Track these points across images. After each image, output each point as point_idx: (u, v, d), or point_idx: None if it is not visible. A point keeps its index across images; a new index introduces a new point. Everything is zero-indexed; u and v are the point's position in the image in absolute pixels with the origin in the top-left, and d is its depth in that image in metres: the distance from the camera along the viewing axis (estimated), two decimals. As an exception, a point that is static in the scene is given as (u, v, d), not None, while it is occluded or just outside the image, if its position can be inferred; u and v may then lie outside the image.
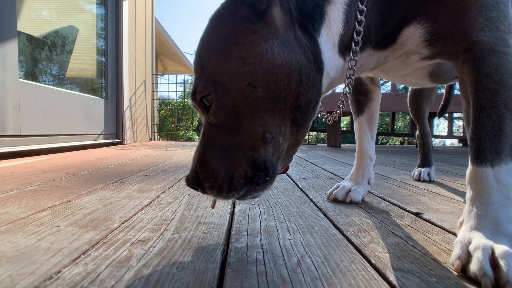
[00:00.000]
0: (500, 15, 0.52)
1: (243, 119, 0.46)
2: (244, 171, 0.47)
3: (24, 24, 2.18)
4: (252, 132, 0.47)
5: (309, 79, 0.49)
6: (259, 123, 0.46)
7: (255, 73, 0.45)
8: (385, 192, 1.00)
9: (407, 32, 0.56)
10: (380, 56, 0.61)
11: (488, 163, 0.49)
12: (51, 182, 1.05)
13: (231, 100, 0.46)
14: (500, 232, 0.45)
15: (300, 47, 0.48)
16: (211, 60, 0.47)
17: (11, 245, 0.50)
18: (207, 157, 0.48)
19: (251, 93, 0.45)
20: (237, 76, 0.45)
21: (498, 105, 0.50)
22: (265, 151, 0.48)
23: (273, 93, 0.46)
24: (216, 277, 0.41)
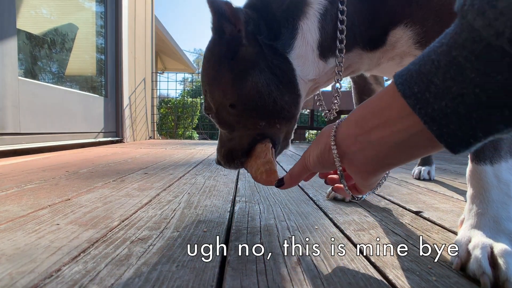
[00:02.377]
0: None
1: (236, 127, 0.62)
2: (241, 146, 0.62)
3: (24, 22, 2.17)
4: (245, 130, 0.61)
5: (280, 89, 0.58)
6: (250, 122, 0.60)
7: (232, 100, 0.59)
8: (385, 191, 1.00)
9: (395, 33, 0.57)
10: (371, 57, 0.62)
11: (488, 161, 0.49)
12: (51, 180, 1.05)
13: (224, 118, 0.62)
14: (500, 230, 0.45)
15: (268, 67, 0.57)
16: (207, 90, 0.62)
17: (11, 243, 0.50)
18: (222, 145, 0.67)
19: (234, 110, 0.60)
20: (221, 104, 0.61)
21: None
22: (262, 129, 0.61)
23: (250, 106, 0.58)
24: (215, 275, 0.41)
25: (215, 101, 0.61)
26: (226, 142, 0.65)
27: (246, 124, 0.60)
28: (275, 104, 0.58)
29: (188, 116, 6.74)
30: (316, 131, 7.67)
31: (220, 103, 0.60)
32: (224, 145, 0.66)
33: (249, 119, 0.59)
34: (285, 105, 0.59)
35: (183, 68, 8.52)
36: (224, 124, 0.63)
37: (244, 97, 0.58)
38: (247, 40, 0.56)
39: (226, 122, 0.62)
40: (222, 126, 0.64)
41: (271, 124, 0.60)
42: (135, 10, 3.83)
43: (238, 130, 0.62)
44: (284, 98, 0.59)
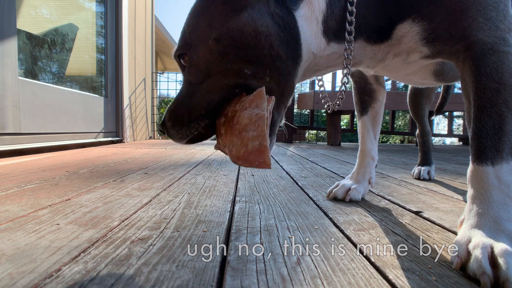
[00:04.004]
0: (500, 14, 0.52)
1: (213, 71, 0.52)
2: (207, 102, 0.53)
3: (24, 22, 2.17)
4: (226, 72, 0.52)
5: (280, 36, 0.52)
6: (232, 64, 0.51)
7: (219, 32, 0.51)
8: (385, 191, 1.00)
9: (402, 28, 0.56)
10: (375, 51, 0.61)
11: (489, 162, 0.49)
12: (51, 180, 1.05)
13: (201, 56, 0.53)
14: (500, 230, 0.45)
15: (270, 15, 0.52)
16: (188, 26, 0.55)
17: (11, 243, 0.50)
18: (174, 103, 0.57)
19: (217, 46, 0.51)
20: (204, 37, 0.52)
21: (499, 104, 0.50)
22: (245, 80, 0.52)
23: (240, 43, 0.50)
24: (215, 275, 0.41)
25: (196, 34, 0.53)
26: (184, 99, 0.55)
27: (226, 68, 0.51)
28: (271, 48, 0.51)
29: (188, 116, 6.73)
30: (316, 131, 7.67)
31: (202, 37, 0.52)
32: (179, 104, 0.55)
33: (233, 61, 0.51)
34: (282, 53, 0.52)
35: (183, 68, 8.50)
36: (197, 67, 0.53)
37: (236, 31, 0.50)
38: None
39: (201, 64, 0.53)
40: (193, 70, 0.54)
41: (260, 74, 0.52)
42: (135, 10, 3.83)
43: (212, 78, 0.53)
44: (283, 48, 0.52)
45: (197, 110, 0.53)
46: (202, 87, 0.54)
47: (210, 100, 0.53)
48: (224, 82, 0.52)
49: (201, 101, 0.53)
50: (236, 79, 0.52)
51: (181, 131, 0.55)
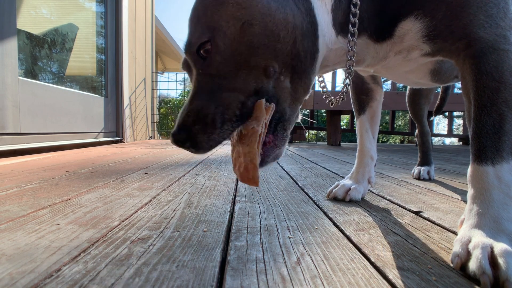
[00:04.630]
0: (500, 11, 0.52)
1: (242, 61, 0.47)
2: (241, 101, 0.47)
3: (24, 22, 2.17)
4: (254, 67, 0.47)
5: (303, 28, 0.50)
6: (261, 57, 0.47)
7: (251, 14, 0.46)
8: (385, 191, 1.00)
9: (404, 25, 0.56)
10: (378, 49, 0.61)
11: (489, 161, 0.49)
12: (51, 180, 1.05)
13: (230, 41, 0.47)
14: (500, 230, 0.45)
15: (294, 2, 0.50)
16: (208, 10, 0.48)
17: (11, 243, 0.50)
18: (196, 104, 0.47)
19: (248, 30, 0.46)
20: (234, 18, 0.46)
21: (499, 103, 0.50)
22: (268, 83, 0.48)
23: (271, 31, 0.47)
24: (216, 275, 0.41)
25: (222, 15, 0.47)
26: (209, 96, 0.47)
27: (255, 62, 0.47)
28: (295, 42, 0.49)
29: (188, 116, 6.73)
30: (316, 131, 7.67)
31: (230, 18, 0.46)
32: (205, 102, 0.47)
33: (263, 54, 0.47)
34: (303, 48, 0.50)
35: (183, 68, 8.50)
36: (224, 56, 0.47)
37: (268, 16, 0.47)
38: None
39: (229, 52, 0.47)
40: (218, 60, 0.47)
41: (279, 74, 0.49)
42: (135, 10, 3.83)
43: (241, 72, 0.47)
44: (304, 41, 0.50)
45: (232, 109, 0.46)
46: (231, 81, 0.47)
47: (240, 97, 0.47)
48: (249, 77, 0.47)
49: (235, 98, 0.46)
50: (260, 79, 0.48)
51: (213, 136, 0.46)
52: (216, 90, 0.47)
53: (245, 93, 0.47)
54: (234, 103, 0.47)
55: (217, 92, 0.47)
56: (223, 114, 0.46)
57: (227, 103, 0.46)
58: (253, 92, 0.47)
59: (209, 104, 0.46)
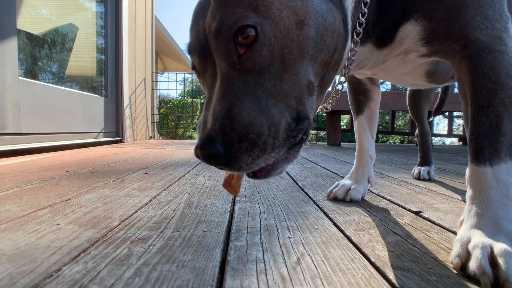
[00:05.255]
0: (496, 13, 0.52)
1: (289, 63, 0.40)
2: (288, 123, 0.40)
3: (24, 22, 2.17)
4: (298, 80, 0.40)
5: (343, 36, 0.48)
6: (305, 69, 0.41)
7: (307, 11, 0.40)
8: (385, 191, 1.01)
9: (405, 29, 0.56)
10: (379, 55, 0.61)
11: (487, 162, 0.49)
12: (51, 180, 1.05)
13: (281, 37, 0.39)
14: (499, 230, 0.45)
15: (333, 3, 0.46)
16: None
17: (11, 243, 0.50)
18: (240, 110, 0.37)
19: (303, 31, 0.40)
20: (289, 9, 0.39)
21: (496, 104, 0.50)
22: (307, 103, 0.43)
23: (321, 37, 0.42)
24: (216, 275, 0.41)
25: (273, 4, 0.39)
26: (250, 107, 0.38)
27: (302, 65, 0.41)
28: (333, 53, 0.45)
29: (188, 116, 6.74)
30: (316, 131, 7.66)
31: (283, 12, 0.39)
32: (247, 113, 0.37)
33: (311, 59, 0.42)
34: (336, 61, 0.47)
35: (183, 68, 8.52)
36: (272, 48, 0.39)
37: (320, 15, 0.41)
38: None
39: (278, 53, 0.39)
40: (260, 61, 0.39)
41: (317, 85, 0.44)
42: (135, 10, 3.83)
43: (290, 76, 0.40)
44: (341, 52, 0.48)
45: (282, 132, 0.39)
46: (279, 87, 0.39)
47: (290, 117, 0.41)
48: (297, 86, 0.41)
49: (284, 118, 0.39)
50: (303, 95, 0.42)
51: (258, 160, 0.38)
52: (259, 97, 0.39)
53: (291, 115, 0.41)
54: (284, 125, 0.40)
55: (262, 101, 0.38)
56: (275, 139, 0.39)
57: (277, 123, 0.39)
58: (297, 115, 0.41)
59: (259, 119, 0.38)
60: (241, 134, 0.36)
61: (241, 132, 0.36)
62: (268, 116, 0.38)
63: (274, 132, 0.38)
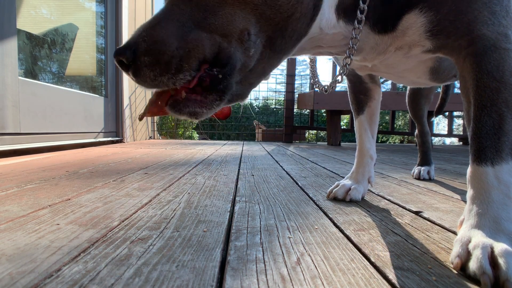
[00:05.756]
0: (503, 9, 0.51)
1: (229, 2, 0.42)
2: (203, 52, 0.40)
3: (24, 22, 2.17)
4: (231, 21, 0.41)
5: (307, 6, 0.47)
6: (243, 16, 0.42)
7: None
8: (385, 191, 1.00)
9: (409, 18, 0.54)
10: (378, 41, 0.59)
11: (489, 162, 0.49)
12: (51, 180, 1.05)
13: None
14: (500, 230, 0.45)
15: None
16: None
17: (11, 243, 0.50)
18: (160, 28, 0.40)
19: None
20: None
21: (499, 104, 0.50)
22: (235, 48, 0.43)
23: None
24: (215, 275, 0.41)
25: None
26: (170, 28, 0.40)
27: (241, 10, 0.42)
28: (288, 18, 0.45)
29: (188, 116, 6.73)
30: (316, 131, 7.67)
31: None
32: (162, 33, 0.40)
33: (249, 11, 0.43)
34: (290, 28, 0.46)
35: (183, 68, 8.51)
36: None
37: None
38: None
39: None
40: None
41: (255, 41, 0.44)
42: (135, 10, 3.83)
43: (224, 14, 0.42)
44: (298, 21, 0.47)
45: (192, 58, 0.40)
46: (205, 21, 0.41)
47: (209, 51, 0.41)
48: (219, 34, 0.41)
49: (199, 47, 0.40)
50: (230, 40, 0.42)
51: (160, 78, 0.40)
52: (185, 24, 0.41)
53: (211, 48, 0.41)
54: (197, 52, 0.40)
55: (185, 27, 0.41)
56: (181, 61, 0.40)
57: (190, 48, 0.40)
58: (218, 50, 0.42)
59: (172, 39, 0.40)
60: (148, 48, 0.39)
61: (148, 46, 0.39)
62: (183, 40, 0.40)
63: (181, 54, 0.39)
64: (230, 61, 0.43)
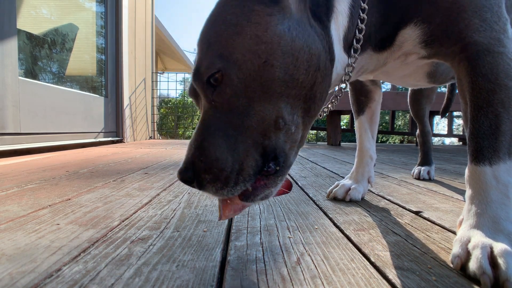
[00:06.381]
0: (494, 15, 0.52)
1: (255, 101, 0.43)
2: (254, 159, 0.43)
3: (24, 22, 2.17)
4: (264, 116, 0.43)
5: (325, 67, 0.48)
6: (272, 107, 0.43)
7: (272, 52, 0.42)
8: (384, 191, 1.01)
9: (404, 33, 0.56)
10: (379, 58, 0.61)
11: (486, 162, 0.49)
12: (51, 180, 1.05)
13: (244, 78, 0.42)
14: (499, 230, 0.45)
15: (316, 34, 0.47)
16: (221, 37, 0.44)
17: (11, 243, 0.50)
18: (209, 144, 0.42)
19: (267, 72, 0.42)
20: (252, 53, 0.42)
21: (495, 104, 0.50)
22: (277, 138, 0.44)
23: (290, 76, 0.44)
24: (216, 275, 0.41)
25: (237, 49, 0.43)
26: (218, 140, 0.43)
27: (270, 103, 0.43)
28: (312, 87, 0.46)
29: (188, 116, 6.74)
30: (316, 131, 7.67)
31: (246, 55, 0.42)
32: (213, 148, 0.42)
33: (277, 99, 0.44)
34: (318, 92, 0.47)
35: (183, 68, 8.52)
36: (236, 97, 0.43)
37: (290, 55, 0.43)
38: None
39: (242, 93, 0.43)
40: (227, 100, 0.43)
41: (292, 119, 0.46)
42: (135, 10, 3.83)
43: (255, 113, 0.43)
44: (322, 84, 0.48)
45: (247, 170, 0.42)
46: (244, 121, 0.43)
47: (257, 153, 0.43)
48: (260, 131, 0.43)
49: (250, 155, 0.43)
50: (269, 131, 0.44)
51: (222, 191, 0.42)
52: (228, 133, 0.43)
53: (260, 150, 0.44)
54: (249, 160, 0.43)
55: (230, 137, 0.43)
56: (238, 174, 0.42)
57: (243, 160, 0.42)
58: (265, 149, 0.44)
59: (223, 155, 0.42)
60: (206, 167, 0.42)
61: (207, 165, 0.42)
62: (234, 153, 0.42)
63: (238, 168, 0.42)
64: (279, 151, 0.45)
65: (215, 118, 0.44)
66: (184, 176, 0.43)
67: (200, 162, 0.42)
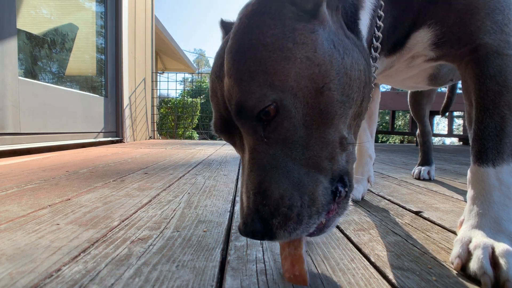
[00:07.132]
0: (505, 18, 0.53)
1: (314, 128, 0.39)
2: (323, 187, 0.39)
3: (24, 22, 2.17)
4: (327, 141, 0.40)
5: (370, 81, 0.46)
6: (333, 130, 0.40)
7: (327, 75, 0.39)
8: (385, 191, 1.00)
9: (417, 36, 0.56)
10: (387, 61, 0.61)
11: (490, 163, 0.49)
12: (51, 180, 1.05)
13: (301, 107, 0.38)
14: (500, 231, 0.45)
15: (355, 46, 0.44)
16: (266, 64, 0.38)
17: (11, 243, 0.50)
18: (269, 185, 0.37)
19: (326, 97, 0.39)
20: (307, 79, 0.38)
21: (501, 106, 0.50)
22: (342, 160, 0.41)
23: (347, 97, 0.41)
24: (215, 275, 0.41)
25: (289, 76, 0.38)
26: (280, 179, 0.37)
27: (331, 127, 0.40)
28: (362, 103, 0.44)
29: (188, 116, 6.74)
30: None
31: (301, 82, 0.38)
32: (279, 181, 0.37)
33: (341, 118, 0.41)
34: (364, 108, 0.46)
35: (183, 68, 8.52)
36: (294, 129, 0.38)
37: (344, 74, 0.40)
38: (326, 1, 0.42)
39: (301, 123, 0.39)
40: (285, 134, 0.38)
41: (350, 128, 0.44)
42: (135, 10, 3.83)
43: (316, 141, 0.39)
44: (368, 99, 0.46)
45: (319, 199, 0.38)
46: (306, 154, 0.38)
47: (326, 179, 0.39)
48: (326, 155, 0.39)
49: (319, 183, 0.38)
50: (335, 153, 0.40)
51: (296, 231, 0.37)
52: (285, 167, 0.38)
53: (329, 175, 0.40)
54: (318, 189, 0.38)
55: (289, 172, 0.38)
56: (309, 206, 0.37)
57: (312, 190, 0.38)
58: (333, 174, 0.40)
59: (288, 191, 0.37)
60: (272, 209, 0.36)
61: (272, 207, 0.36)
62: (300, 186, 0.37)
63: (308, 200, 0.37)
64: (344, 172, 0.42)
65: (268, 155, 0.39)
66: (253, 228, 0.36)
67: (264, 207, 0.36)
